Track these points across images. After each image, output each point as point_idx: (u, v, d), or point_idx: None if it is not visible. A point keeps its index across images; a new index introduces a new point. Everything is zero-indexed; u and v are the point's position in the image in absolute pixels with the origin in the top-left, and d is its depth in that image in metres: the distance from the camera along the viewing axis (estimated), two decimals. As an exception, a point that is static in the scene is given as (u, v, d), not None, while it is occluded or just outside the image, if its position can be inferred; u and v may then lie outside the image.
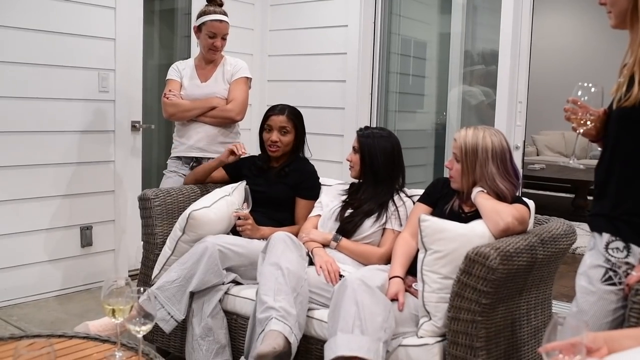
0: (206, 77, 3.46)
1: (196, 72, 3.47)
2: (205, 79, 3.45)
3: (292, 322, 2.27)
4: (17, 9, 3.54)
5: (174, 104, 3.38)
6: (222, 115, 3.37)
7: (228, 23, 3.39)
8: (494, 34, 3.87)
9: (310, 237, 2.73)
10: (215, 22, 3.33)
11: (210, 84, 3.43)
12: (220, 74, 3.45)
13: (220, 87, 3.42)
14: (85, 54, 3.88)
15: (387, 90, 4.69)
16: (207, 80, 3.44)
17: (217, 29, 3.34)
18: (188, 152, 3.43)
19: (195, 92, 3.41)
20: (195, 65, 3.49)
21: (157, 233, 2.93)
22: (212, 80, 3.44)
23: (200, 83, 3.44)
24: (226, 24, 3.37)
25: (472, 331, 2.06)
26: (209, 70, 3.47)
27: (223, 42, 3.39)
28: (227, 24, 3.38)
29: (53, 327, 3.35)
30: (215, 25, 3.33)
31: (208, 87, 3.41)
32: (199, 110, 3.37)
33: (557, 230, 2.36)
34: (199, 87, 3.43)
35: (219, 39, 3.36)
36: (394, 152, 2.81)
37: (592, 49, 9.12)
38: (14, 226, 3.67)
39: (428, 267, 2.22)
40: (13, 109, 3.59)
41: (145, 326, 1.76)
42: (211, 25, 3.33)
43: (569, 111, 1.85)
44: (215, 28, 3.33)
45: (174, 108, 3.38)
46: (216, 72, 3.45)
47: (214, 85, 3.42)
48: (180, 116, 3.41)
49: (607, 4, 1.79)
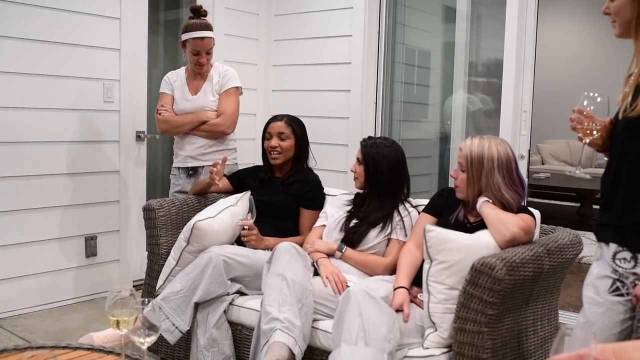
0: (196, 89, 3.49)
1: (187, 84, 3.50)
2: (195, 92, 3.48)
3: (297, 333, 2.26)
4: (23, 20, 3.55)
5: (166, 120, 3.46)
6: (213, 129, 3.43)
7: (211, 38, 3.38)
8: (499, 43, 3.86)
9: (315, 247, 2.73)
10: (197, 40, 3.33)
11: (200, 97, 3.46)
12: (210, 86, 3.47)
13: (209, 99, 3.46)
14: (91, 64, 3.89)
15: (391, 99, 4.68)
16: (197, 93, 3.48)
17: (199, 46, 3.34)
18: (184, 162, 3.50)
19: (186, 106, 3.46)
20: (186, 77, 3.52)
21: (161, 243, 2.93)
22: (201, 93, 3.47)
23: (190, 96, 3.47)
24: (209, 39, 3.36)
25: (478, 342, 2.05)
26: (199, 82, 3.49)
27: (208, 57, 3.41)
28: (210, 40, 3.37)
29: (57, 337, 3.34)
30: (198, 43, 3.33)
31: (198, 101, 3.45)
32: (190, 125, 3.43)
33: (563, 240, 2.34)
34: (189, 100, 3.47)
35: (203, 55, 3.37)
36: (399, 161, 2.80)
37: (597, 58, 9.11)
38: (18, 236, 3.66)
39: (433, 277, 2.21)
40: (19, 120, 3.60)
41: (150, 337, 1.75)
42: (194, 44, 3.34)
43: (575, 121, 1.84)
44: (197, 46, 3.34)
45: (166, 124, 3.48)
46: (205, 85, 3.48)
47: (203, 98, 3.46)
48: (173, 132, 3.50)
49: (611, 14, 1.78)
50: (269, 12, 4.93)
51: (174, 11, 5.15)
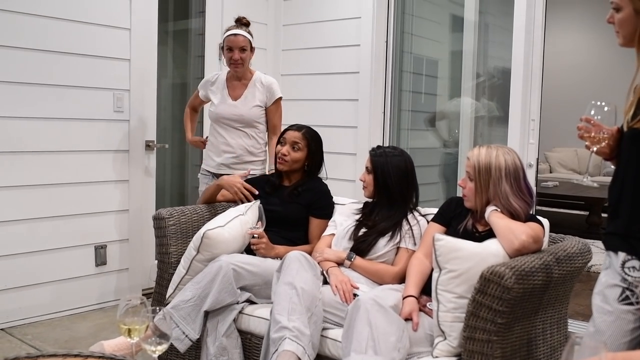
0: (236, 95, 3.61)
1: (226, 88, 3.64)
2: (235, 98, 3.60)
3: (306, 342, 2.27)
4: (33, 30, 3.59)
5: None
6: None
7: (245, 37, 3.54)
8: (506, 52, 3.88)
9: (324, 256, 2.73)
10: (231, 36, 3.52)
11: (239, 104, 3.58)
12: (251, 94, 3.59)
13: (248, 107, 3.57)
14: (101, 74, 3.93)
15: (399, 108, 4.70)
16: (237, 99, 3.60)
17: (232, 42, 3.51)
18: (218, 169, 3.64)
19: (225, 111, 3.59)
20: (226, 80, 3.67)
21: (171, 252, 2.94)
22: (242, 99, 3.59)
23: (230, 101, 3.60)
24: (242, 37, 3.53)
25: (487, 351, 2.05)
26: (239, 88, 3.62)
27: (242, 55, 3.53)
28: (243, 37, 3.53)
29: (67, 346, 3.35)
30: (231, 39, 3.52)
31: (237, 108, 3.57)
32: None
33: (572, 248, 2.34)
34: (229, 105, 3.59)
35: (236, 51, 3.51)
36: (407, 170, 2.81)
37: (605, 66, 9.10)
38: (29, 245, 3.69)
39: (443, 286, 2.21)
40: (29, 129, 3.63)
41: (161, 346, 1.76)
42: (227, 40, 3.53)
43: (582, 129, 1.85)
44: (230, 42, 3.51)
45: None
46: (246, 91, 3.60)
47: (242, 105, 3.58)
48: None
49: (615, 24, 1.79)
50: (277, 22, 4.97)
51: (183, 21, 5.19)
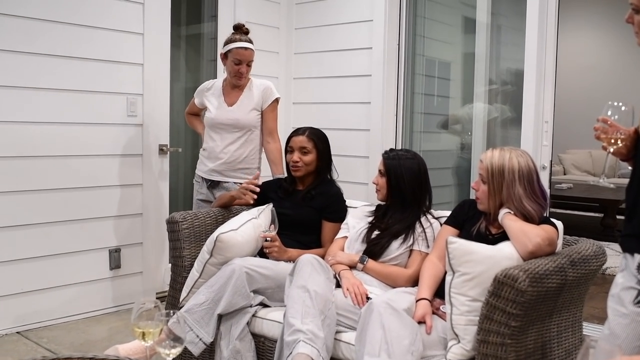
0: (232, 100, 3.56)
1: (223, 94, 3.60)
2: (231, 103, 3.56)
3: (320, 344, 2.27)
4: (47, 36, 3.62)
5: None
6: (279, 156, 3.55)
7: (253, 50, 3.51)
8: (519, 54, 3.86)
9: (336, 259, 2.73)
10: (241, 50, 3.46)
11: (235, 109, 3.54)
12: (247, 98, 3.55)
13: (244, 112, 3.53)
14: (114, 79, 3.96)
15: (412, 111, 4.69)
16: (233, 104, 3.56)
17: (242, 56, 3.46)
18: (210, 174, 3.59)
19: (221, 116, 3.54)
20: (223, 87, 3.62)
21: (185, 256, 2.95)
22: (237, 104, 3.55)
23: (227, 107, 3.55)
24: (251, 51, 3.50)
25: (501, 354, 2.04)
26: (236, 93, 3.58)
27: (248, 69, 3.52)
28: (252, 52, 3.50)
29: (82, 349, 3.38)
30: (241, 52, 3.46)
31: (233, 113, 3.53)
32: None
33: (587, 251, 2.33)
34: (225, 110, 3.55)
35: (244, 65, 3.48)
36: (420, 173, 2.80)
37: (618, 67, 9.05)
38: (43, 249, 3.72)
39: (456, 289, 2.20)
40: (44, 134, 3.66)
41: (175, 349, 1.77)
42: (237, 53, 3.46)
43: (599, 130, 1.83)
44: (240, 55, 3.46)
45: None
46: (242, 96, 3.56)
47: (238, 109, 3.54)
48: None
49: (635, 25, 1.78)
50: (289, 25, 4.98)
51: (196, 26, 5.21)
